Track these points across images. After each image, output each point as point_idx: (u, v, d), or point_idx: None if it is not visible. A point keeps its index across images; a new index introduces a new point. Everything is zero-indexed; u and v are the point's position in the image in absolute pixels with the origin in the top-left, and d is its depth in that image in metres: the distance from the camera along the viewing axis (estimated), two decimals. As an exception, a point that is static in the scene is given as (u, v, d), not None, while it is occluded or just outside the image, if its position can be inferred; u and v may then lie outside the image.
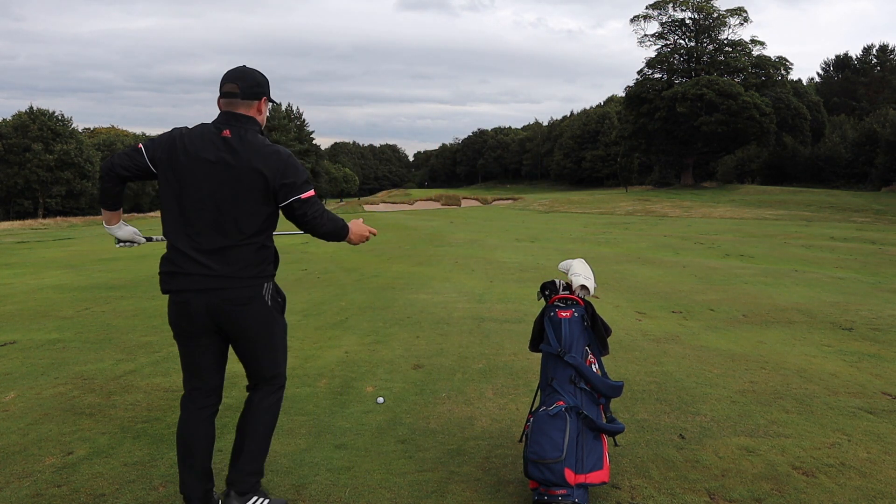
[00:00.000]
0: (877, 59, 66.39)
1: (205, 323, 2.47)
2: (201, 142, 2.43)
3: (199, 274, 2.42)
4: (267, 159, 2.41)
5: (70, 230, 33.51)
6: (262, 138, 2.47)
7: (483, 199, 65.87)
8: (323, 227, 2.55)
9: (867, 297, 8.24)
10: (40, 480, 2.97)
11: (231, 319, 2.46)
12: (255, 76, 2.54)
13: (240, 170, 2.39)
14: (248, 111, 2.50)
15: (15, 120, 58.91)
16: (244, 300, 2.44)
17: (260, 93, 2.52)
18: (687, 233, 22.38)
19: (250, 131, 2.46)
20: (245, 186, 2.39)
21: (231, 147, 2.41)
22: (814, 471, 3.04)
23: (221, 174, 2.39)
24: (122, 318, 7.00)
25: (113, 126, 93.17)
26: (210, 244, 2.42)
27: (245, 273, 2.43)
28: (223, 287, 2.42)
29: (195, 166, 2.41)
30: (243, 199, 2.40)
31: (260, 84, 2.53)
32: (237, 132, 2.44)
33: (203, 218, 2.41)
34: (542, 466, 2.65)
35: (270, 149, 2.44)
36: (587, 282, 3.09)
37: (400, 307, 7.40)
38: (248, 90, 2.49)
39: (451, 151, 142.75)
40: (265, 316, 2.50)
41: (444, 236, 20.12)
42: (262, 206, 2.43)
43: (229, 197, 2.40)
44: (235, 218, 2.41)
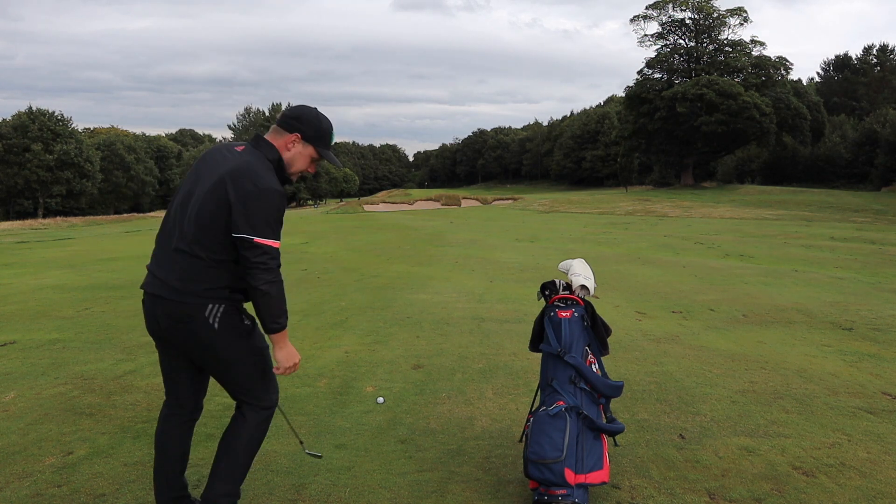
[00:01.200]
0: (877, 59, 66.38)
1: (158, 331, 2.37)
2: (214, 151, 2.41)
3: (152, 275, 2.36)
4: (241, 185, 2.21)
5: (70, 230, 33.52)
6: (261, 163, 2.30)
7: (483, 199, 65.85)
8: (262, 288, 2.21)
9: (867, 297, 8.24)
10: (40, 480, 2.97)
11: (171, 333, 2.33)
12: (300, 111, 2.42)
13: (217, 178, 2.25)
14: (274, 139, 2.40)
15: (15, 120, 58.92)
16: (179, 316, 2.27)
17: (293, 126, 2.39)
18: (687, 233, 22.37)
19: (259, 153, 2.34)
20: (213, 197, 2.24)
21: (227, 158, 2.32)
22: (814, 471, 3.04)
23: (205, 179, 2.29)
24: (122, 318, 7.00)
25: (113, 126, 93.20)
26: (168, 246, 2.33)
27: (186, 287, 2.25)
28: (161, 295, 2.30)
29: (195, 173, 2.38)
30: (207, 209, 2.24)
31: (298, 119, 2.40)
32: (248, 148, 2.36)
33: (175, 218, 2.34)
34: (542, 466, 2.65)
35: (255, 181, 2.23)
36: (587, 282, 3.09)
37: (400, 307, 7.40)
38: (284, 119, 2.41)
39: (451, 151, 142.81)
40: (208, 339, 2.28)
41: (444, 236, 20.12)
42: (219, 224, 2.24)
43: (198, 201, 2.26)
44: (194, 224, 2.26)
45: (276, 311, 2.27)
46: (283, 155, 2.39)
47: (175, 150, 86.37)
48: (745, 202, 39.20)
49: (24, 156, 57.34)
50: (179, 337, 2.32)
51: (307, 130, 2.40)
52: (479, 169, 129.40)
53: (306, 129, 2.40)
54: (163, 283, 2.30)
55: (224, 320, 2.30)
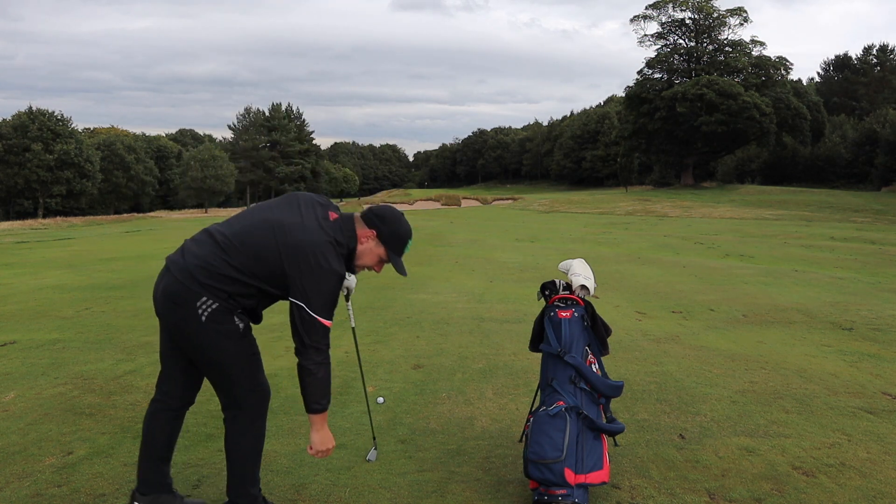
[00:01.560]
0: (877, 59, 66.38)
1: (157, 303, 2.42)
2: (310, 203, 2.45)
3: (180, 250, 2.41)
4: (314, 255, 2.28)
5: (70, 230, 33.52)
6: (337, 246, 2.36)
7: (483, 199, 65.83)
8: (310, 367, 2.29)
9: (867, 297, 8.24)
10: (40, 480, 2.97)
11: (163, 310, 2.38)
12: (386, 211, 2.50)
13: (298, 242, 2.30)
14: (357, 228, 2.46)
15: (14, 120, 58.90)
16: (174, 295, 2.31)
17: (373, 223, 2.47)
18: (687, 233, 22.37)
19: (341, 238, 2.39)
20: (286, 253, 2.29)
21: (315, 222, 2.36)
22: (814, 471, 3.04)
23: (289, 229, 2.32)
24: (122, 318, 7.00)
25: (113, 126, 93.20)
26: (216, 234, 2.38)
27: (196, 272, 2.30)
28: (170, 268, 2.35)
29: (279, 204, 2.46)
30: (274, 256, 2.30)
31: (381, 218, 2.47)
32: (336, 225, 2.41)
33: (245, 225, 2.39)
34: (542, 466, 2.65)
35: (327, 256, 2.30)
36: (587, 282, 3.09)
37: (400, 307, 7.40)
38: (369, 214, 2.49)
39: (451, 151, 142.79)
40: (193, 329, 2.31)
41: (444, 236, 20.12)
42: (276, 271, 2.31)
43: (273, 242, 2.31)
44: (254, 249, 2.32)
45: (320, 392, 2.34)
46: (358, 246, 2.47)
47: (175, 150, 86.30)
48: (745, 202, 39.20)
49: (24, 156, 57.31)
50: (169, 318, 2.37)
51: (384, 231, 2.47)
52: (479, 169, 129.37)
53: (384, 229, 2.47)
54: (180, 259, 2.36)
55: (212, 316, 2.31)
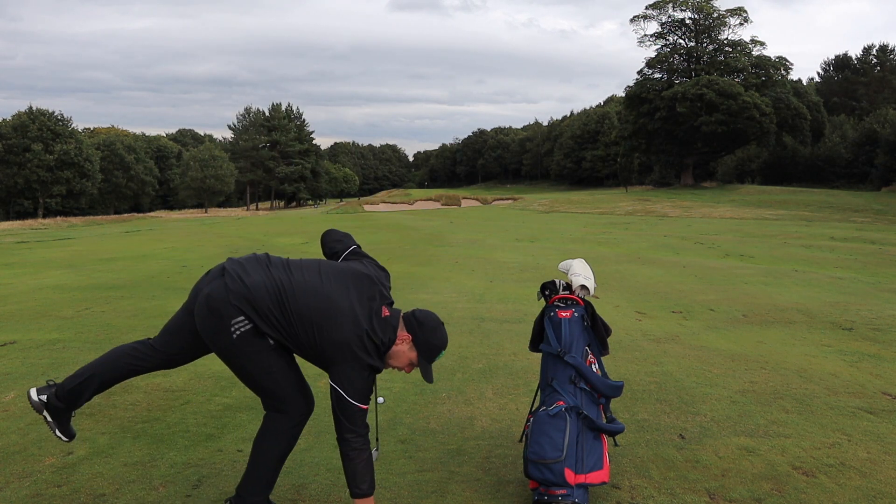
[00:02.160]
0: (877, 59, 66.37)
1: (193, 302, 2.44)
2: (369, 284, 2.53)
3: (239, 263, 2.44)
4: (354, 350, 2.35)
5: (70, 230, 33.52)
6: (378, 348, 2.42)
7: (483, 199, 65.82)
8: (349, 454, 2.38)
9: (867, 297, 8.24)
10: (40, 480, 2.97)
11: (195, 313, 2.40)
12: (427, 318, 2.55)
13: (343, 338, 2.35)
14: (397, 325, 2.51)
15: (15, 120, 58.92)
16: (211, 304, 2.34)
17: (412, 327, 2.52)
18: (687, 233, 22.37)
19: (387, 334, 2.45)
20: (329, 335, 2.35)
21: (371, 313, 2.43)
22: (814, 471, 3.04)
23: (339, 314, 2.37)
24: (122, 318, 7.00)
25: (113, 126, 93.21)
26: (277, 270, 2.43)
27: (242, 295, 2.34)
28: (223, 281, 2.37)
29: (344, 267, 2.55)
30: (320, 329, 2.36)
31: (421, 324, 2.52)
32: (388, 320, 2.48)
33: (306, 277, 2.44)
34: (542, 466, 2.65)
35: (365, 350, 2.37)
36: (587, 282, 3.09)
37: (400, 307, 7.39)
38: (411, 317, 2.54)
39: (451, 151, 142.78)
40: (223, 341, 2.36)
41: (444, 236, 20.12)
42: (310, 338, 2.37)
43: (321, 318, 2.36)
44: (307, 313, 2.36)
45: (360, 477, 2.39)
46: (393, 347, 2.49)
47: (175, 150, 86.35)
48: (745, 202, 39.20)
49: (24, 156, 57.33)
50: (200, 323, 2.39)
51: (420, 338, 2.50)
52: (479, 169, 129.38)
53: (421, 336, 2.50)
54: (237, 274, 2.38)
55: (244, 336, 2.35)
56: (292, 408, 2.50)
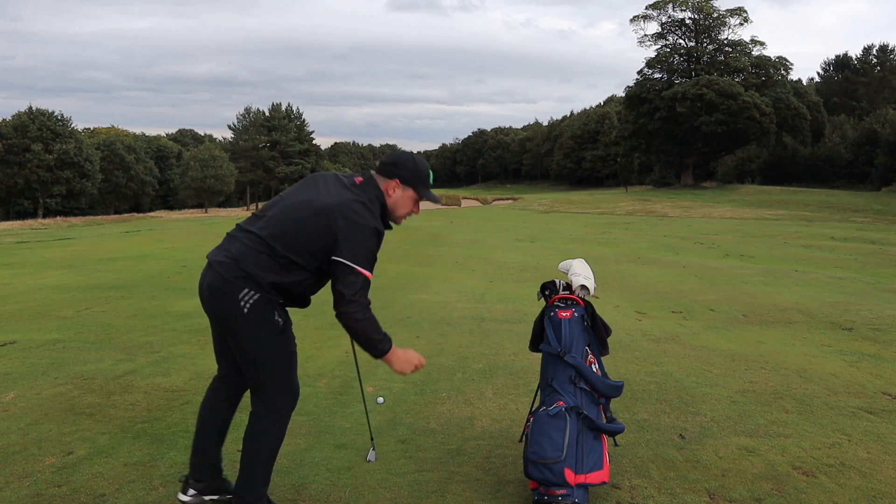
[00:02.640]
0: (877, 59, 66.36)
1: (203, 298, 2.48)
2: (334, 176, 2.54)
3: (218, 247, 2.49)
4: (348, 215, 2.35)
5: (70, 230, 33.52)
6: (369, 203, 2.42)
7: (483, 199, 65.88)
8: (354, 326, 2.36)
9: (867, 297, 8.24)
10: (40, 480, 2.97)
11: (208, 304, 2.45)
12: (401, 158, 2.56)
13: (326, 206, 2.37)
14: (381, 184, 2.53)
15: (15, 120, 58.90)
16: (217, 289, 2.38)
17: (392, 173, 2.52)
18: (687, 233, 22.37)
19: (371, 194, 2.46)
20: (318, 221, 2.36)
21: (344, 185, 2.47)
22: (814, 471, 3.04)
23: (318, 199, 2.40)
24: (122, 318, 7.00)
25: (113, 126, 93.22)
26: (243, 228, 2.46)
27: (236, 265, 2.36)
28: (212, 265, 2.43)
29: (303, 185, 2.54)
30: (308, 228, 2.37)
31: (395, 164, 2.53)
32: (363, 185, 2.49)
33: (271, 213, 2.46)
34: (542, 466, 2.65)
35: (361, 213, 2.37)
36: (587, 282, 3.09)
37: (400, 307, 7.40)
38: (384, 165, 2.54)
39: (451, 151, 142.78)
40: (236, 320, 2.37)
41: (444, 236, 20.12)
42: (314, 242, 2.36)
43: (303, 216, 2.38)
44: (287, 227, 2.38)
45: (373, 338, 2.41)
46: (387, 200, 2.52)
47: (175, 150, 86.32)
48: (745, 202, 39.20)
49: (24, 156, 57.31)
50: (214, 310, 2.44)
51: (405, 174, 2.53)
52: (479, 169, 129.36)
53: (404, 172, 2.53)
54: (219, 255, 2.43)
55: (254, 308, 2.37)
56: (282, 400, 2.50)
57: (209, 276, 2.43)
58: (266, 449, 2.50)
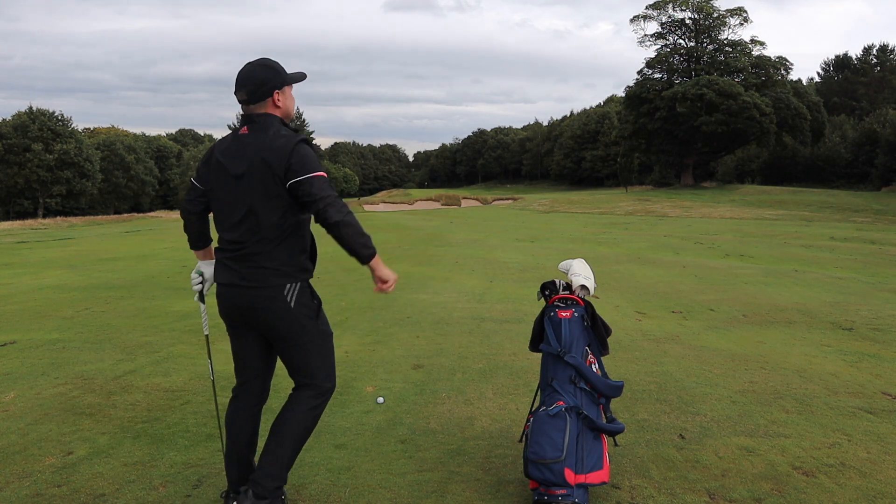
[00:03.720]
0: (877, 59, 66.37)
1: (237, 317, 2.53)
2: (225, 145, 2.53)
3: (226, 267, 2.52)
4: (273, 149, 2.39)
5: (70, 230, 33.51)
6: (277, 129, 2.46)
7: (483, 199, 65.83)
8: (336, 216, 2.36)
9: (867, 297, 8.24)
10: (40, 480, 2.97)
11: (254, 318, 2.49)
12: (260, 74, 2.49)
13: (251, 163, 2.42)
14: (263, 109, 2.51)
15: (15, 120, 58.94)
16: (264, 300, 2.44)
17: (267, 91, 2.48)
18: (687, 233, 22.37)
19: (266, 126, 2.46)
20: (257, 178, 2.40)
21: (244, 143, 2.47)
22: (814, 471, 3.04)
23: (238, 170, 2.44)
24: (122, 318, 7.00)
25: (113, 126, 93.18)
26: (234, 240, 2.48)
27: (266, 273, 2.44)
28: (246, 286, 2.46)
29: (220, 168, 2.51)
30: (258, 193, 2.41)
31: (266, 82, 2.48)
32: (253, 129, 2.48)
33: (230, 216, 2.49)
34: (542, 466, 2.65)
35: (280, 139, 2.41)
36: (587, 282, 3.09)
37: (400, 307, 7.40)
38: (256, 94, 2.48)
39: (451, 151, 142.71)
40: (286, 320, 2.46)
41: (444, 236, 20.12)
42: (274, 199, 2.41)
43: (246, 191, 2.43)
44: (255, 212, 2.42)
45: (361, 238, 2.42)
46: (279, 112, 2.53)
47: (175, 150, 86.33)
48: (745, 202, 39.20)
49: (24, 156, 57.34)
50: (261, 321, 2.49)
51: (276, 82, 2.50)
52: (479, 169, 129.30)
53: (274, 81, 2.50)
54: (242, 269, 2.46)
55: (299, 299, 2.48)
56: (328, 385, 2.60)
57: (237, 297, 2.48)
58: (303, 431, 2.56)
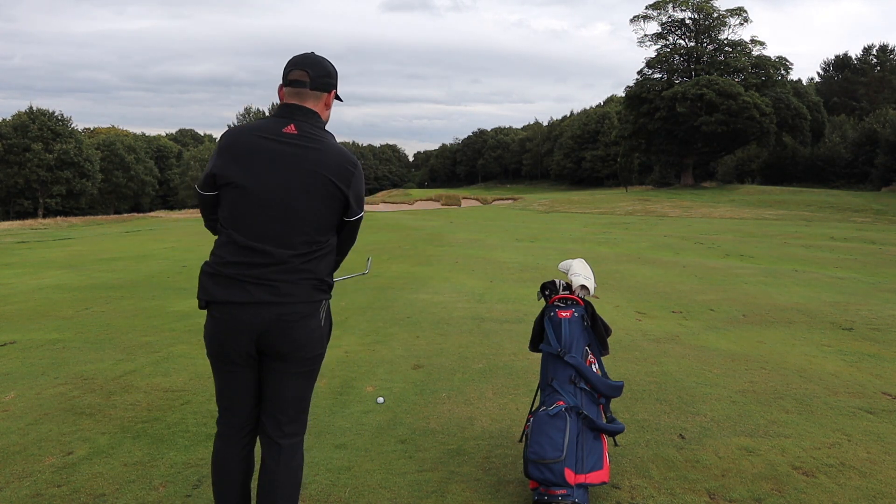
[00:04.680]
0: (877, 59, 66.36)
1: (249, 341, 2.09)
2: (259, 139, 2.13)
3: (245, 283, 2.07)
4: (340, 165, 2.13)
5: (70, 230, 33.50)
6: (332, 138, 2.20)
7: (483, 199, 65.79)
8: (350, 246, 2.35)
9: (867, 297, 8.24)
10: (40, 480, 2.97)
11: (277, 340, 2.08)
12: (327, 66, 2.23)
13: (306, 171, 2.09)
14: (316, 105, 2.20)
15: (15, 120, 58.95)
16: (298, 318, 2.08)
17: (330, 84, 2.23)
18: (687, 233, 22.37)
19: (316, 127, 2.17)
20: (316, 189, 2.09)
21: (296, 144, 2.11)
22: (814, 471, 3.04)
23: (286, 173, 2.08)
24: (122, 318, 7.00)
25: (113, 126, 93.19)
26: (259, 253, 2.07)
27: (306, 289, 2.10)
28: (279, 301, 2.06)
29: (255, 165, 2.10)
30: (313, 203, 2.09)
31: (331, 75, 2.23)
32: (302, 127, 2.13)
33: (263, 222, 2.08)
34: (542, 466, 2.65)
35: (345, 156, 2.16)
36: (587, 282, 3.09)
37: (400, 307, 7.40)
38: (319, 80, 2.18)
39: (451, 151, 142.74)
40: (314, 339, 2.12)
41: (444, 236, 20.12)
42: (332, 215, 2.15)
43: (296, 198, 2.08)
44: (302, 222, 2.09)
45: None
46: (324, 116, 2.25)
47: (175, 150, 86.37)
48: (745, 202, 39.19)
49: (24, 155, 57.36)
50: (285, 340, 2.09)
51: (336, 81, 2.29)
52: (479, 169, 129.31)
53: (336, 80, 2.28)
54: (271, 284, 2.07)
55: (328, 315, 2.22)
56: (306, 423, 2.29)
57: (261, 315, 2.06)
58: (299, 479, 2.21)
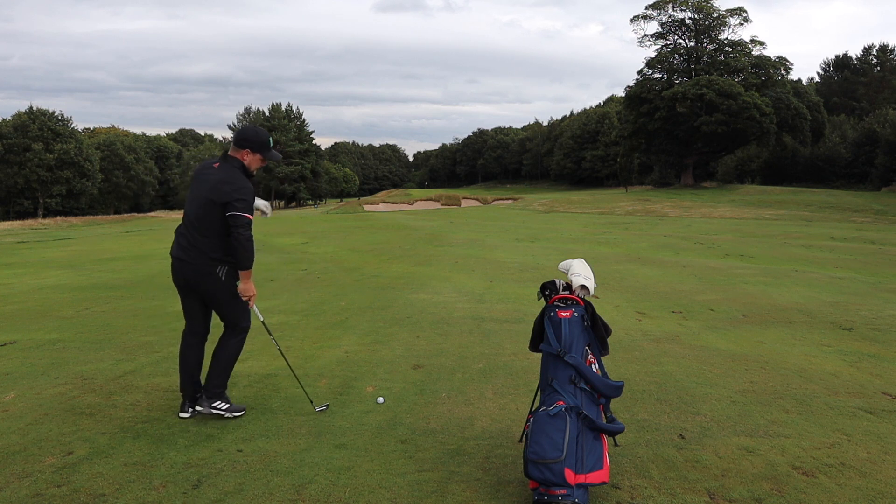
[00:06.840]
0: (877, 59, 66.37)
1: (184, 283, 3.75)
2: (202, 168, 3.83)
3: (179, 245, 3.73)
4: (223, 187, 3.57)
5: (70, 230, 33.51)
6: (232, 172, 3.64)
7: (483, 199, 65.82)
8: (241, 246, 3.54)
9: (867, 297, 8.24)
10: (40, 480, 2.97)
11: (195, 284, 3.70)
12: (245, 132, 3.76)
13: (208, 188, 3.62)
14: (235, 153, 3.74)
15: (15, 120, 58.96)
16: (203, 273, 3.64)
17: (242, 145, 3.70)
18: (687, 233, 22.37)
19: (229, 167, 3.68)
20: (207, 201, 3.60)
21: (209, 173, 3.71)
22: (814, 471, 3.03)
23: (201, 189, 3.67)
24: (122, 318, 7.00)
25: (113, 126, 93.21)
26: (190, 229, 3.69)
27: (205, 254, 3.62)
28: (187, 259, 3.66)
29: (195, 183, 3.78)
30: (206, 209, 3.61)
31: (245, 139, 3.72)
32: (222, 165, 3.72)
33: (189, 214, 3.73)
34: (542, 466, 2.65)
35: (230, 180, 3.60)
36: (587, 282, 3.09)
37: (400, 307, 7.40)
38: (236, 141, 3.74)
39: (451, 151, 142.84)
40: (218, 286, 3.67)
41: (444, 236, 20.12)
42: (215, 216, 3.58)
43: (199, 203, 3.65)
44: (200, 217, 3.64)
45: (248, 257, 3.60)
46: (244, 161, 3.74)
47: (175, 150, 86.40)
48: (745, 202, 39.20)
49: (24, 155, 57.36)
50: (200, 286, 3.71)
51: (252, 146, 3.74)
52: (479, 169, 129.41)
53: (251, 145, 3.74)
54: (189, 251, 3.65)
55: (227, 276, 3.69)
56: (245, 321, 3.83)
57: (183, 269, 3.69)
58: (232, 356, 3.82)
